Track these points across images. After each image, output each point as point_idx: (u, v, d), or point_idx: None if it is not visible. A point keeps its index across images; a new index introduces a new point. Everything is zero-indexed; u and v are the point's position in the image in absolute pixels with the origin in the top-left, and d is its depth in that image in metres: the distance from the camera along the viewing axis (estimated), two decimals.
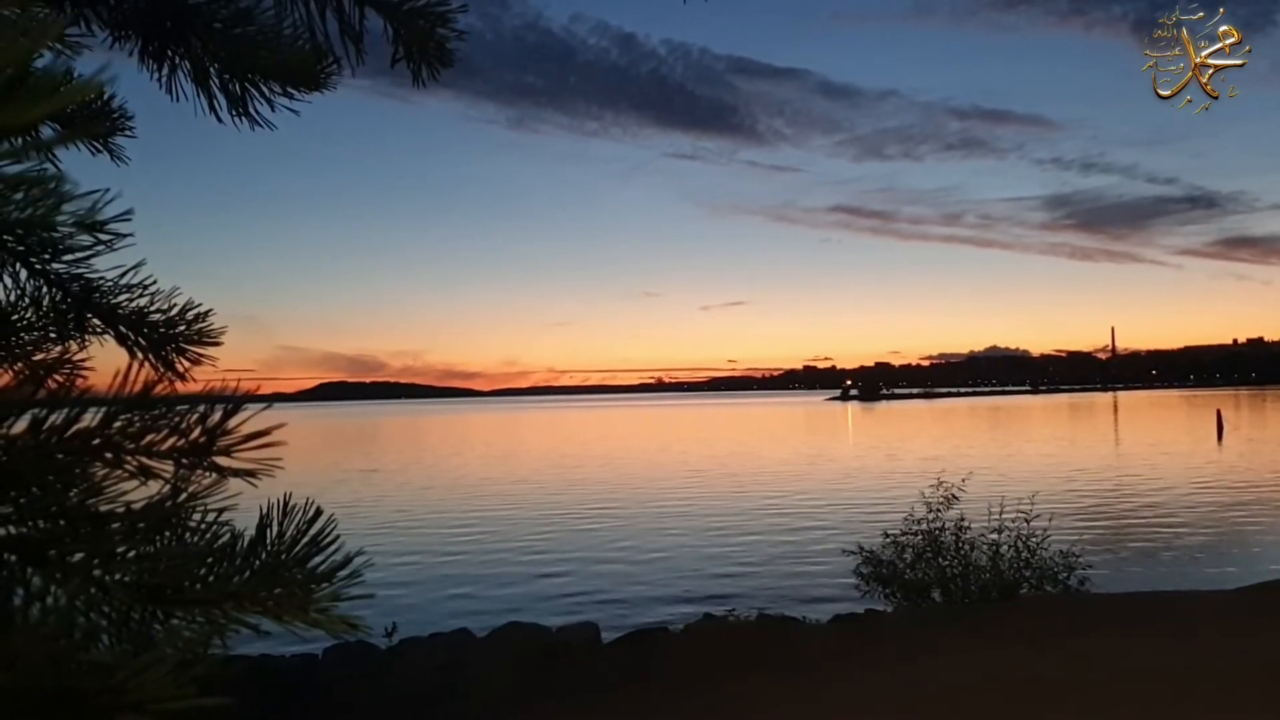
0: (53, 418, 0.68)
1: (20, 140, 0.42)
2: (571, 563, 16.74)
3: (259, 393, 0.80)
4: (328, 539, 0.84)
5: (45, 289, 1.14)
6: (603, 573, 15.72)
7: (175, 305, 1.21)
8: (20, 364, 1.10)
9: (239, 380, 0.77)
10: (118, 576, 0.72)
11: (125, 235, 1.03)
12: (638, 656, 8.67)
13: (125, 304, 1.18)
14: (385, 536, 19.64)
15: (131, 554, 0.73)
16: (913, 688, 6.84)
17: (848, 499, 24.95)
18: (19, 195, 0.54)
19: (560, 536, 19.81)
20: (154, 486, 0.75)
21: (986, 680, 6.83)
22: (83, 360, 1.13)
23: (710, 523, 21.19)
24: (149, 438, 0.72)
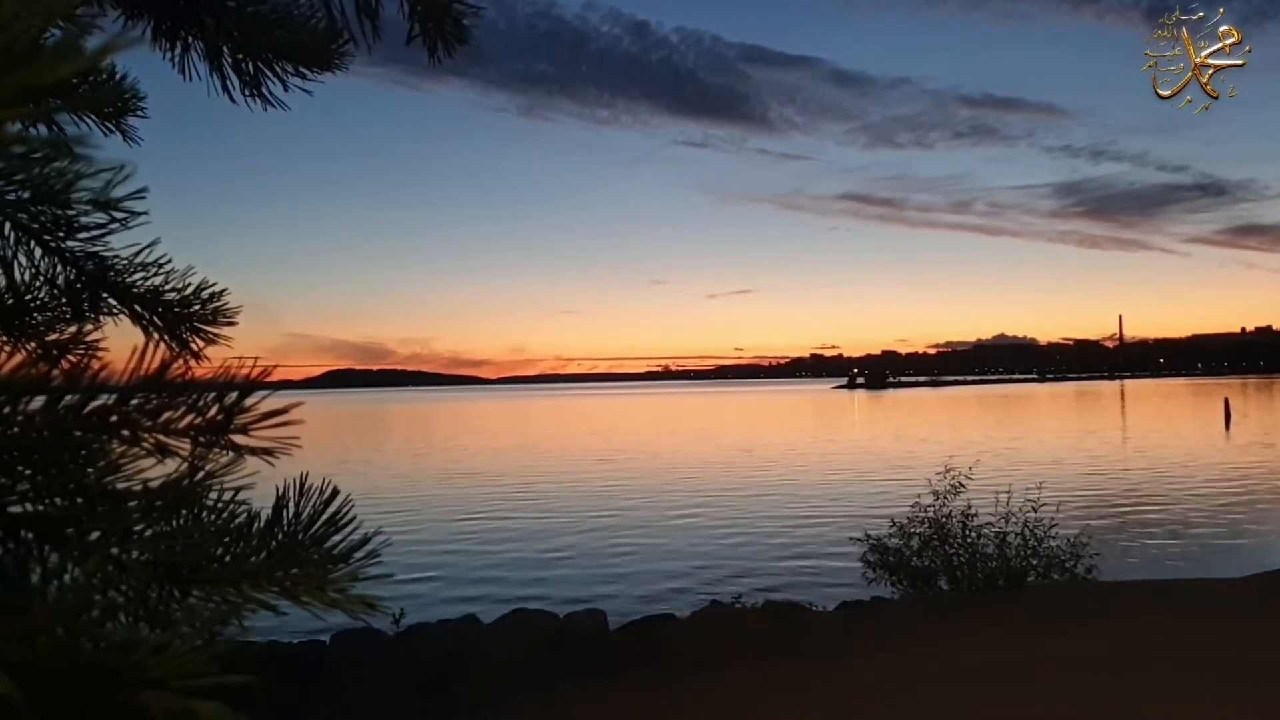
0: (69, 396, 0.67)
1: (35, 105, 0.41)
2: (579, 550, 16.78)
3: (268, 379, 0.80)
4: (345, 519, 0.83)
5: (60, 267, 1.13)
6: (610, 560, 15.75)
7: (190, 285, 1.20)
8: (35, 343, 1.10)
9: (255, 360, 0.76)
10: (135, 555, 0.71)
11: (139, 214, 1.03)
12: (645, 644, 8.69)
13: (140, 283, 1.17)
14: (393, 522, 19.69)
15: (149, 532, 0.73)
16: (918, 675, 6.85)
17: (854, 487, 24.94)
18: (39, 157, 0.53)
19: (568, 523, 19.84)
20: (171, 465, 0.74)
21: (993, 667, 6.83)
22: (97, 340, 1.12)
23: (717, 511, 21.20)
24: (166, 415, 0.71)
